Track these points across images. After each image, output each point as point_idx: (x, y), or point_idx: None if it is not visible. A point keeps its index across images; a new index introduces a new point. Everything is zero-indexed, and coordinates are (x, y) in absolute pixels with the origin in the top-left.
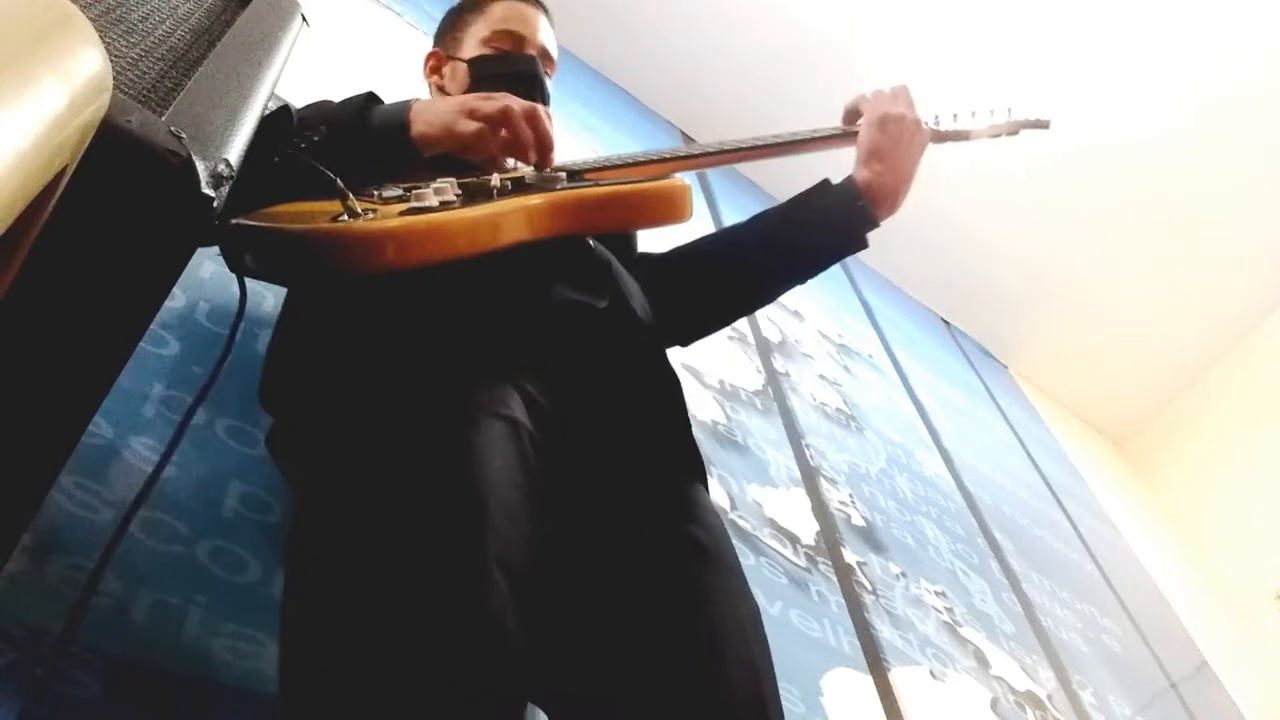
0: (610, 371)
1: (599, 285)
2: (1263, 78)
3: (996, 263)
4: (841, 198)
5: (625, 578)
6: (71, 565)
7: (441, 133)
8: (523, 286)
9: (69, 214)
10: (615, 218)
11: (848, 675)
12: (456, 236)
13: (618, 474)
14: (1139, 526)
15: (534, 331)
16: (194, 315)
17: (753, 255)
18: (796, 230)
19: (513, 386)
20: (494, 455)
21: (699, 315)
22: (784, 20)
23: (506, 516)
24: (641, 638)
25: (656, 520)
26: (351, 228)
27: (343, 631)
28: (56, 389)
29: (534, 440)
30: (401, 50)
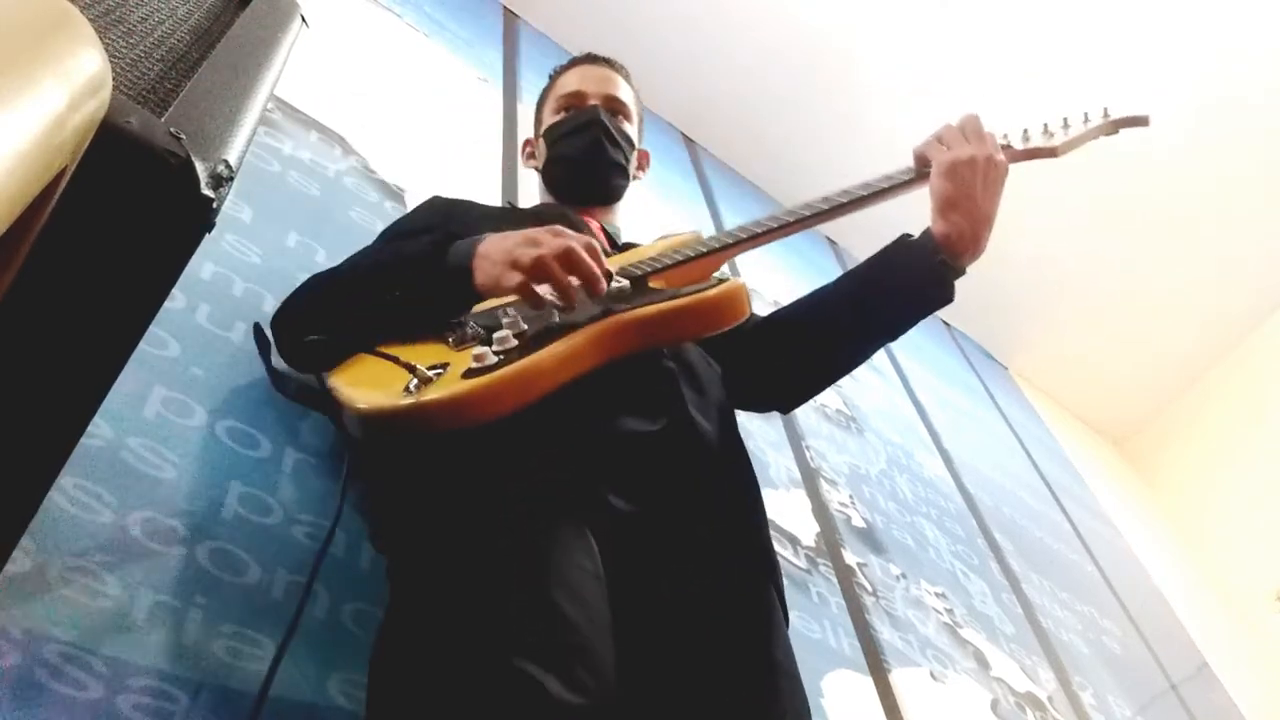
0: (672, 485)
1: (661, 403)
2: (1263, 78)
3: (996, 263)
4: (921, 255)
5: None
6: (71, 565)
7: (492, 286)
8: (586, 417)
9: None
10: (676, 331)
11: (848, 677)
12: (523, 390)
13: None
14: (1139, 527)
15: (599, 459)
16: (194, 317)
17: (843, 322)
18: (881, 292)
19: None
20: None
21: (795, 384)
22: (784, 20)
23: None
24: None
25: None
26: (423, 404)
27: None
28: (56, 389)
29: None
30: (401, 51)
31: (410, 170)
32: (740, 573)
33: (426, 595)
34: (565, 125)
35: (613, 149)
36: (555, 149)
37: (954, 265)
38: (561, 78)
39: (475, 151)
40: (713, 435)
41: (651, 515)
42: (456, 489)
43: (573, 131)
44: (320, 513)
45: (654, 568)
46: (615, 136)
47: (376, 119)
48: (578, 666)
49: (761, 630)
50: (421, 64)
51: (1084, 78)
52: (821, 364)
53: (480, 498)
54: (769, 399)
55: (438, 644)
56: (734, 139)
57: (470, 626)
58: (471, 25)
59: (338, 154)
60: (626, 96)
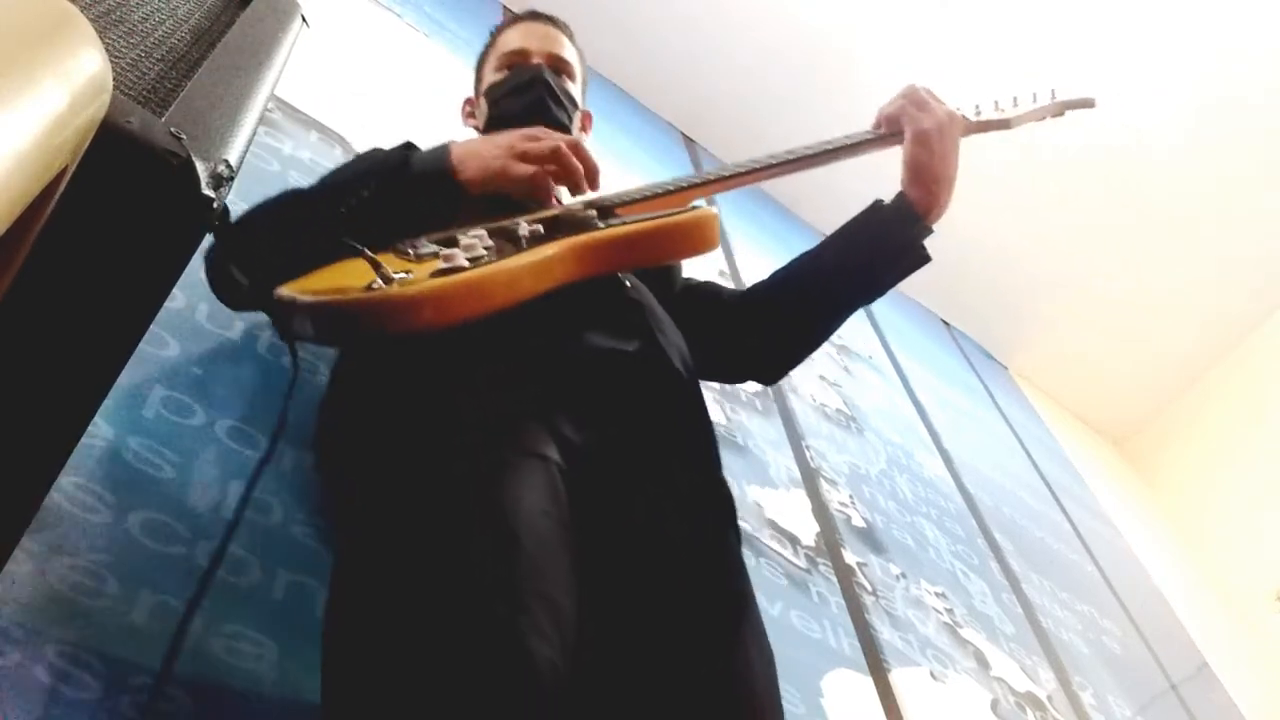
0: (643, 412)
1: (631, 328)
2: (1263, 78)
3: (996, 263)
4: (899, 220)
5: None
6: (71, 565)
7: (495, 177)
8: (554, 333)
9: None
10: (646, 254)
11: (848, 676)
12: (491, 292)
13: (647, 513)
14: (1139, 527)
15: (565, 378)
16: (194, 316)
17: (827, 289)
18: (864, 258)
19: (546, 427)
20: (525, 490)
21: (781, 353)
22: (784, 20)
23: (539, 546)
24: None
25: (686, 567)
26: (387, 295)
27: (380, 663)
28: (56, 389)
29: (566, 477)
30: (401, 51)
31: None
32: (706, 513)
33: (381, 546)
34: (507, 84)
35: (556, 108)
36: (497, 108)
37: (929, 227)
38: (503, 35)
39: None
40: (683, 371)
41: (621, 447)
42: (413, 406)
43: (515, 90)
44: (321, 512)
45: (622, 500)
46: (559, 96)
47: (376, 119)
48: (544, 616)
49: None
50: (421, 64)
51: (1084, 78)
52: (806, 332)
53: (438, 419)
54: (754, 370)
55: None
56: (734, 139)
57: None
58: (471, 25)
59: (338, 154)
60: (570, 55)
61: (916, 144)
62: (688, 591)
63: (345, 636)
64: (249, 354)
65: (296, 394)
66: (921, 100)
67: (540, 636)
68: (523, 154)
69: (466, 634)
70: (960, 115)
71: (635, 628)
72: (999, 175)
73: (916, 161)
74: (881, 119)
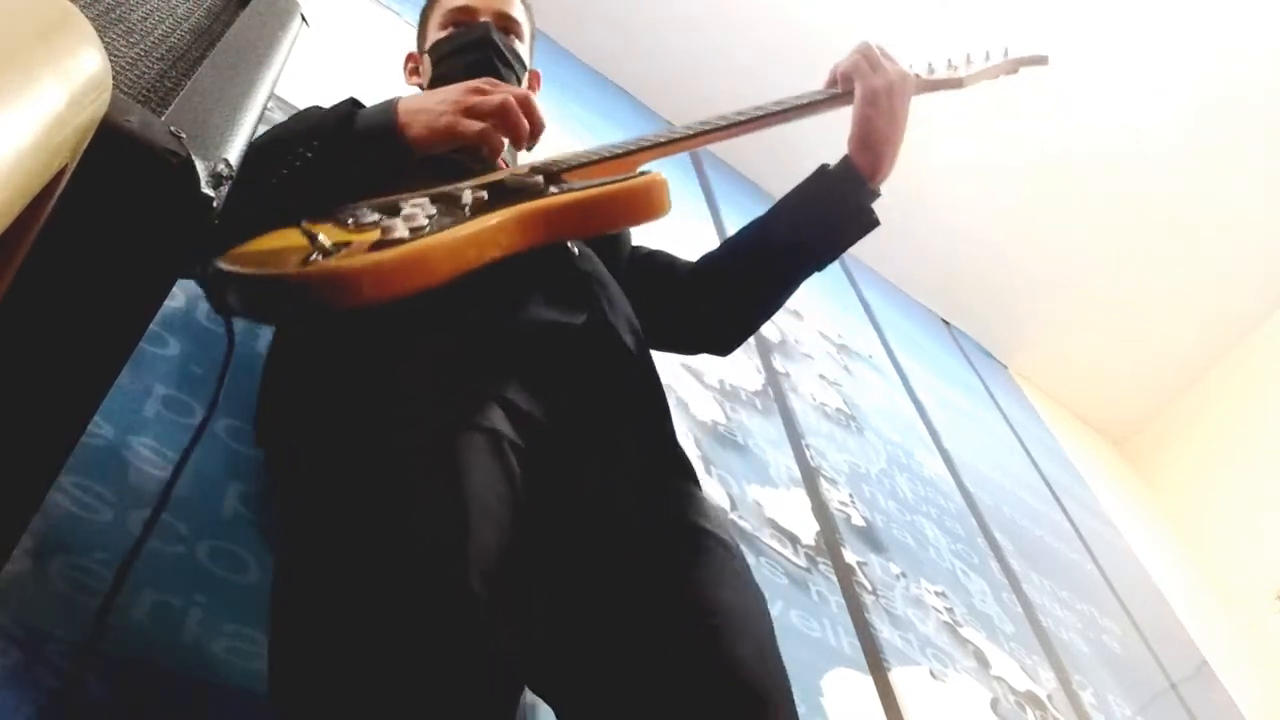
0: (591, 385)
1: (577, 299)
2: (1263, 78)
3: (996, 263)
4: (848, 185)
5: (625, 566)
6: (71, 565)
7: (443, 134)
8: (498, 305)
9: (69, 213)
10: (592, 222)
11: (848, 675)
12: (434, 264)
13: (602, 481)
14: (1139, 526)
15: (511, 352)
16: (194, 315)
17: (778, 259)
18: (813, 226)
19: (495, 400)
20: (474, 466)
21: (733, 324)
22: (784, 20)
23: (488, 524)
24: (645, 621)
25: (655, 512)
26: (324, 269)
27: (326, 644)
28: (56, 389)
29: (516, 449)
30: (401, 51)
31: None
32: (660, 483)
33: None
34: (453, 42)
35: (504, 69)
36: (441, 66)
37: (876, 191)
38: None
39: None
40: (630, 340)
41: (569, 419)
42: (354, 380)
43: (461, 49)
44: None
45: (573, 472)
46: (506, 55)
47: None
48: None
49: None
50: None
51: (1084, 79)
52: (759, 302)
53: (381, 394)
54: (707, 341)
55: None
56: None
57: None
58: None
59: None
60: (519, 14)
61: (866, 102)
62: (640, 560)
63: (290, 619)
64: (249, 353)
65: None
66: (875, 58)
67: (488, 616)
68: (470, 108)
69: (413, 617)
70: (913, 74)
71: (588, 600)
72: (999, 175)
73: (865, 120)
74: (835, 76)
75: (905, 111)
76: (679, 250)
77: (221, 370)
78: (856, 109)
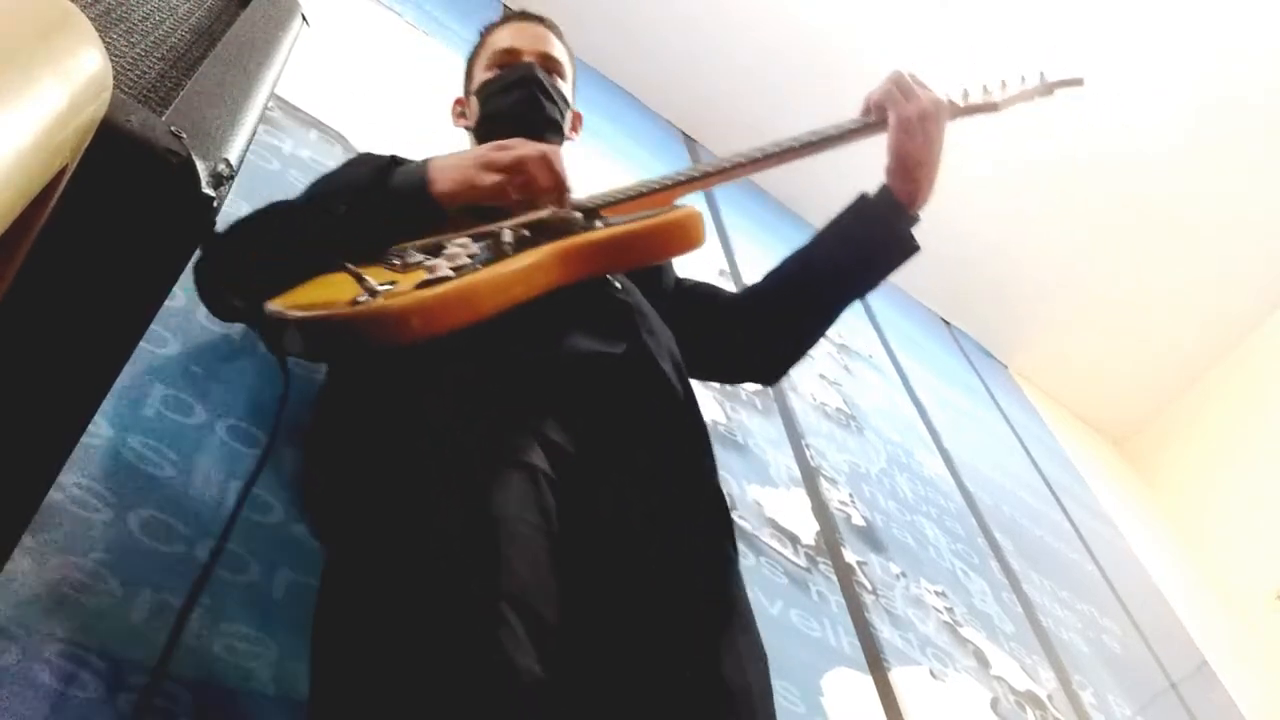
0: (631, 418)
1: (618, 330)
2: (1263, 77)
3: (996, 263)
4: (888, 213)
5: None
6: (71, 564)
7: (463, 189)
8: (540, 338)
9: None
10: (630, 256)
11: (848, 675)
12: (479, 300)
13: (640, 519)
14: (1139, 526)
15: (551, 382)
16: (194, 315)
17: (822, 289)
18: (855, 255)
19: (533, 435)
20: (509, 502)
21: (781, 353)
22: (784, 21)
23: (521, 557)
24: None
25: (679, 573)
26: (373, 308)
27: (365, 678)
28: (56, 389)
29: (553, 484)
30: (401, 50)
31: None
32: (696, 519)
33: (367, 550)
34: (499, 81)
35: (549, 105)
36: (488, 105)
37: (916, 216)
38: (493, 34)
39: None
40: (671, 372)
41: (608, 449)
42: (400, 414)
43: (507, 87)
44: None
45: (610, 506)
46: (550, 93)
47: (376, 117)
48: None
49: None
50: (421, 62)
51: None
52: (803, 330)
53: (424, 427)
54: (753, 370)
55: (383, 602)
56: (734, 137)
57: (415, 581)
58: (471, 23)
59: (338, 152)
60: (561, 55)
61: (901, 130)
62: (675, 597)
63: (331, 645)
64: (249, 353)
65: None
66: (907, 86)
67: (519, 647)
68: (488, 163)
69: (446, 646)
70: (947, 100)
71: (621, 634)
72: (999, 176)
73: (900, 148)
74: (869, 105)
75: (940, 138)
76: None
77: (279, 406)
78: (891, 136)
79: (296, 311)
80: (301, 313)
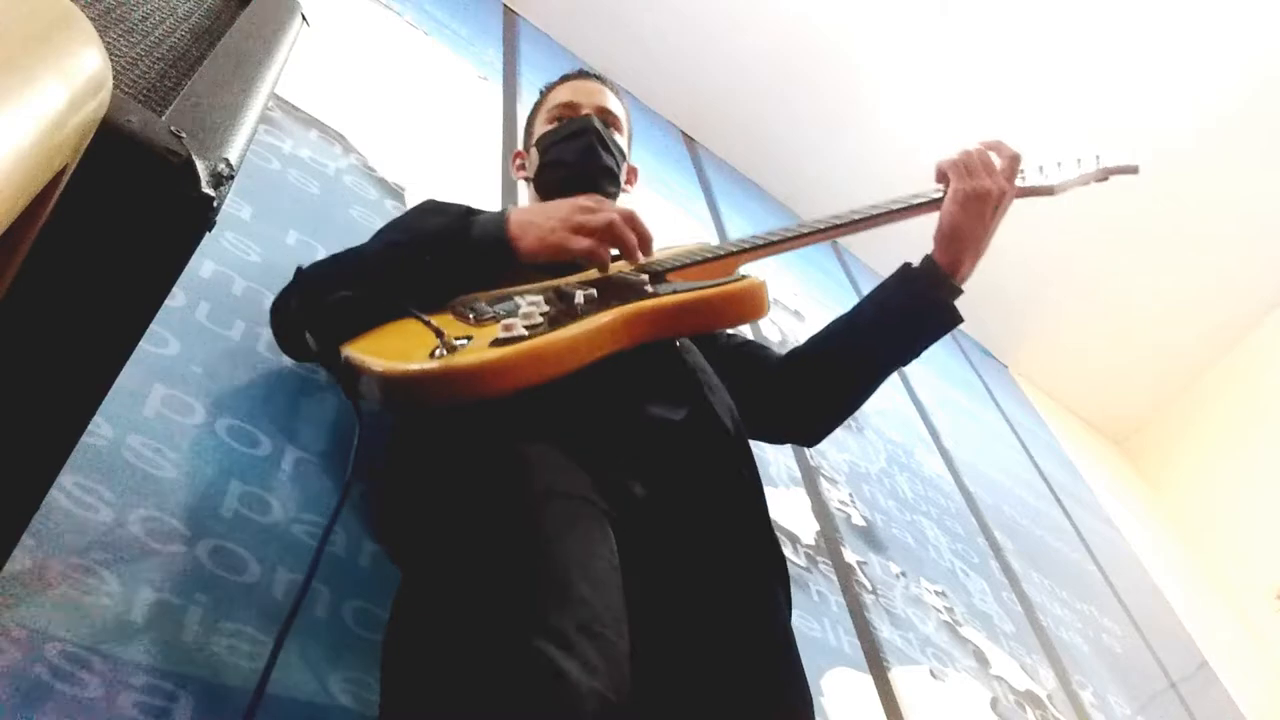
0: (694, 471)
1: (680, 393)
2: (1261, 80)
3: (996, 263)
4: (931, 284)
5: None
6: (71, 565)
7: (553, 250)
8: (604, 401)
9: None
10: (695, 322)
11: (848, 675)
12: (551, 360)
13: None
14: (1139, 526)
15: (616, 446)
16: (194, 315)
17: (864, 357)
18: (898, 325)
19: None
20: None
21: (823, 417)
22: (784, 21)
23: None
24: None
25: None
26: (453, 365)
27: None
28: (56, 389)
29: (621, 529)
30: (401, 50)
31: (410, 168)
32: (754, 569)
33: (441, 577)
34: (559, 132)
35: (605, 155)
36: (548, 155)
37: (959, 289)
38: (553, 92)
39: (475, 149)
40: (731, 430)
41: (672, 504)
42: (475, 471)
43: (567, 137)
44: (320, 511)
45: (672, 559)
46: (608, 143)
47: (376, 117)
48: (592, 650)
49: (772, 627)
50: (421, 62)
51: (1084, 83)
52: (845, 396)
53: (501, 482)
54: (796, 431)
55: (453, 623)
56: (734, 137)
57: (487, 606)
58: (471, 23)
59: (338, 152)
60: (618, 110)
61: (955, 202)
62: (733, 638)
63: (403, 668)
64: (249, 353)
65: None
66: (975, 165)
67: (588, 669)
68: (579, 227)
69: (514, 669)
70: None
71: (683, 675)
72: None
73: (951, 219)
74: (939, 171)
75: (993, 222)
76: (671, 232)
77: (355, 447)
78: (945, 205)
79: (378, 363)
80: (384, 365)
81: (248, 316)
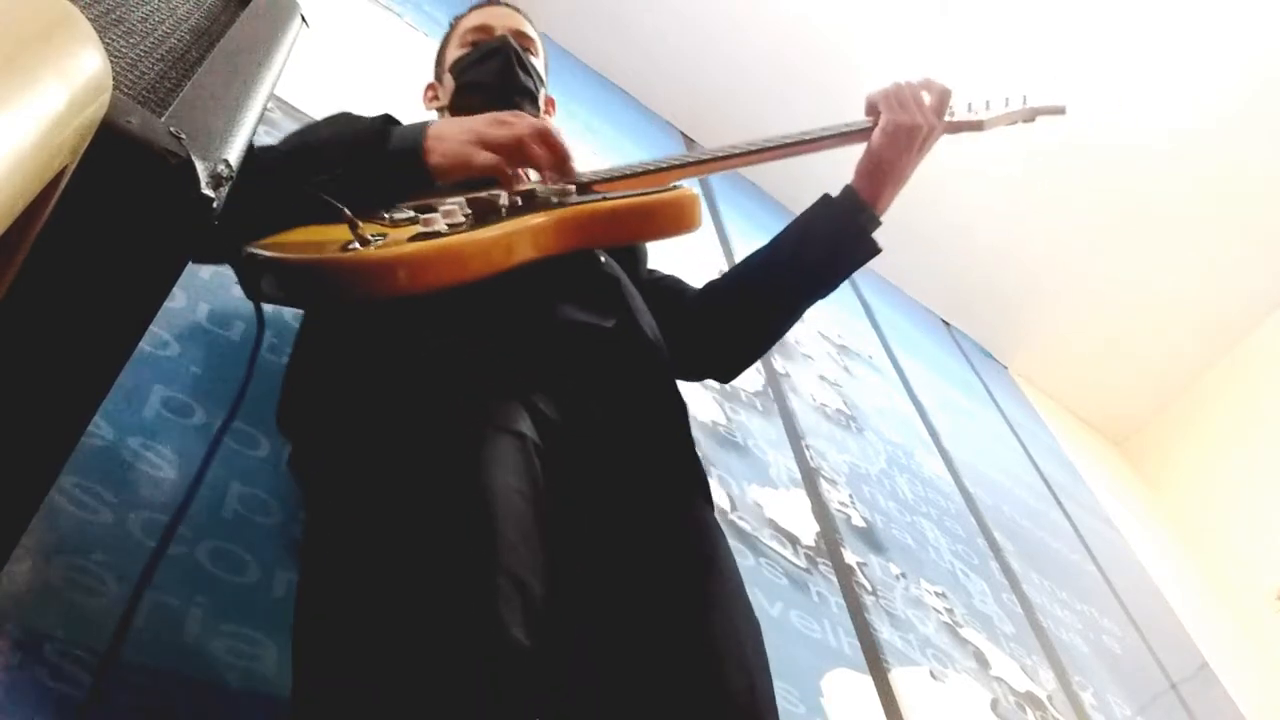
0: (617, 389)
1: (607, 304)
2: (1261, 80)
3: (996, 263)
4: (851, 215)
5: (629, 589)
6: (71, 565)
7: (458, 164)
8: (531, 306)
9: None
10: (625, 230)
11: (848, 676)
12: (468, 259)
13: (623, 489)
14: (1139, 527)
15: (542, 351)
16: (194, 316)
17: (782, 287)
18: (817, 255)
19: (521, 403)
20: (501, 468)
21: (739, 352)
22: (784, 21)
23: (514, 527)
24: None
25: (661, 536)
26: (362, 256)
27: (353, 644)
28: (56, 389)
29: (541, 453)
30: (401, 50)
31: None
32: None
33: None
34: (474, 54)
35: (524, 75)
36: (464, 77)
37: (878, 219)
38: (464, 20)
39: None
40: (657, 343)
41: (595, 416)
42: (383, 378)
43: (482, 58)
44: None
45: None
46: (526, 64)
47: None
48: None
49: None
50: (421, 63)
51: (1083, 79)
52: (762, 330)
53: (410, 393)
54: (711, 367)
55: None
56: (734, 137)
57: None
58: None
59: None
60: (533, 34)
61: (884, 133)
62: (657, 561)
63: (316, 620)
64: (249, 353)
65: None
66: (905, 98)
67: (513, 618)
68: (484, 141)
69: (439, 618)
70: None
71: (606, 600)
72: (999, 176)
73: (879, 151)
74: (869, 104)
75: (917, 156)
76: None
77: (252, 354)
78: (874, 136)
79: (282, 254)
80: (288, 255)
81: (248, 317)
